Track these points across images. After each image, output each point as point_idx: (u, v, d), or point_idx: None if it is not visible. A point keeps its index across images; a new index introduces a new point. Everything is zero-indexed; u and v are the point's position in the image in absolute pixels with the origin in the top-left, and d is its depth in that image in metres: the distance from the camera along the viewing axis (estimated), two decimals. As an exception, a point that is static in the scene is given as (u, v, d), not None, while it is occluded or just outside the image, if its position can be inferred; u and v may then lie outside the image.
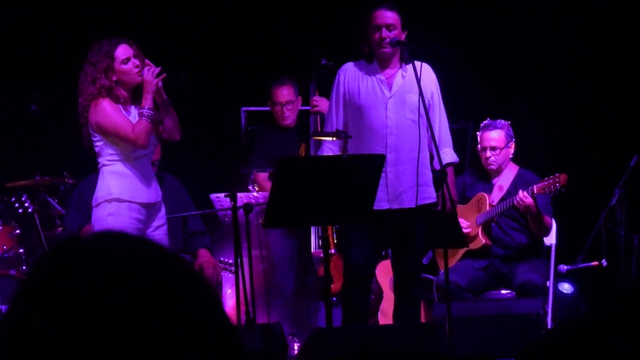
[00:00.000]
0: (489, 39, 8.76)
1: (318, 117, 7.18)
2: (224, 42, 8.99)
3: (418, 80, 6.04)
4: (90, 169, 7.26)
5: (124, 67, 5.96)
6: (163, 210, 6.19)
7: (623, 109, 8.55)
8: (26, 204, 7.65)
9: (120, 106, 5.98)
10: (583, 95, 8.67)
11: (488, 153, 7.32)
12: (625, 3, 8.58)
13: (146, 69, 5.95)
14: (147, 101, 5.92)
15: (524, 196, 6.98)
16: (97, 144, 6.02)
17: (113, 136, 5.95)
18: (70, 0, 8.88)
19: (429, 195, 6.36)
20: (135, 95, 6.03)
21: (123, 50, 5.97)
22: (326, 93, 6.89)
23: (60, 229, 7.66)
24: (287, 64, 8.28)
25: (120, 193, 5.97)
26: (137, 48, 6.03)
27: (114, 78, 5.95)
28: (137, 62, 5.97)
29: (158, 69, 5.94)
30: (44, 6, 8.84)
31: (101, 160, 6.05)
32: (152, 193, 6.09)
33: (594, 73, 8.62)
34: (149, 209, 6.08)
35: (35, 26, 8.78)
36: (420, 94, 6.06)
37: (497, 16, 8.74)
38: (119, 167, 6.00)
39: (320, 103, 7.13)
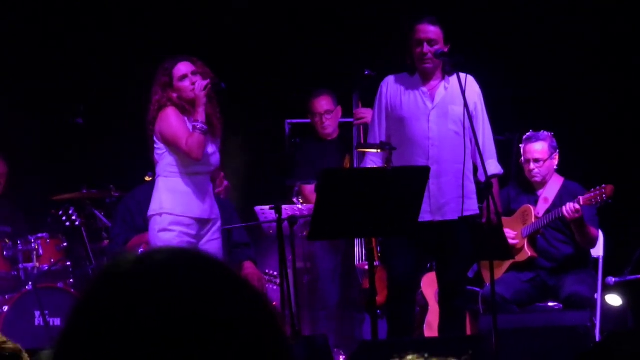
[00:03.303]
0: (534, 50, 8.72)
1: (361, 128, 7.17)
2: (268, 54, 9.02)
3: (463, 92, 6.01)
4: (136, 181, 7.32)
5: (180, 84, 6.07)
6: (218, 226, 6.24)
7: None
8: (73, 217, 7.72)
9: (185, 118, 6.07)
10: (630, 104, 8.59)
11: (531, 165, 7.27)
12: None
13: (196, 84, 6.03)
14: (199, 114, 6.03)
15: (575, 207, 6.90)
16: (158, 152, 6.12)
17: (171, 145, 6.03)
18: (117, 14, 8.95)
19: (472, 207, 6.33)
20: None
21: (181, 67, 6.09)
22: (370, 104, 6.88)
23: (106, 242, 7.71)
24: (330, 76, 8.28)
25: (171, 208, 6.05)
26: (202, 65, 6.11)
27: (175, 95, 6.05)
28: (194, 79, 6.05)
29: (205, 82, 6.01)
30: (91, 20, 8.91)
31: (158, 170, 6.15)
32: (206, 209, 6.15)
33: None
34: (202, 224, 6.15)
35: (81, 40, 8.85)
36: (465, 105, 6.04)
37: (542, 28, 8.70)
38: (175, 181, 6.09)
39: (364, 114, 7.12)
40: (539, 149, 7.26)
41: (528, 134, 7.32)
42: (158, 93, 6.07)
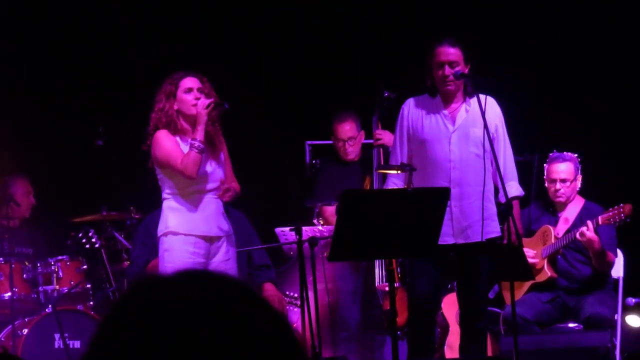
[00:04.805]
0: (552, 69, 8.72)
1: (381, 150, 7.16)
2: (288, 76, 9.04)
3: (483, 114, 6.01)
4: (156, 203, 7.33)
5: (184, 95, 6.05)
6: (229, 245, 6.19)
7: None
8: (93, 239, 7.73)
9: (177, 137, 6.04)
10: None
11: (558, 185, 7.25)
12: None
13: (199, 101, 6.01)
14: (198, 133, 5.99)
15: (586, 230, 6.91)
16: (158, 176, 6.11)
17: (165, 167, 6.01)
18: (138, 36, 8.99)
19: (494, 229, 6.32)
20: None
21: (188, 81, 6.07)
22: (389, 125, 6.88)
23: (126, 264, 7.72)
24: (349, 97, 8.29)
25: (175, 226, 6.02)
26: (210, 86, 6.10)
27: (175, 107, 6.02)
28: (198, 95, 6.04)
29: (208, 101, 5.99)
30: (109, 42, 8.96)
31: (162, 194, 6.13)
32: (212, 226, 6.09)
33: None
34: (210, 242, 6.09)
35: (100, 62, 8.90)
36: (485, 127, 6.03)
37: (561, 47, 8.70)
38: (176, 201, 6.06)
39: (384, 136, 7.11)
40: (565, 169, 7.25)
41: (553, 154, 7.31)
42: (162, 101, 6.05)
